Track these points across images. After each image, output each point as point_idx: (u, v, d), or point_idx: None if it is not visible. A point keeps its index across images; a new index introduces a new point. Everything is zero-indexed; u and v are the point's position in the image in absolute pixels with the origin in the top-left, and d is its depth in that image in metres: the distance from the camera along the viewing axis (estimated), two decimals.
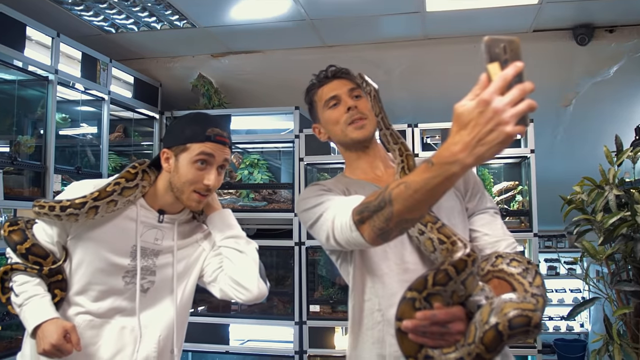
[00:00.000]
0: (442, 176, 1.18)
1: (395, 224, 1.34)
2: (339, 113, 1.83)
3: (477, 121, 1.09)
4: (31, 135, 3.56)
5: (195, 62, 5.00)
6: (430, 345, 1.29)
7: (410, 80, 4.85)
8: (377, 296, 1.68)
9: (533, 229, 4.01)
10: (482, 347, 1.23)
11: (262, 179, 4.73)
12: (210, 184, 1.82)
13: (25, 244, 1.81)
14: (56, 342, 1.67)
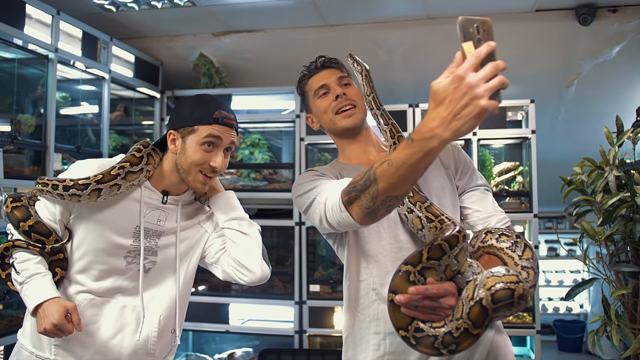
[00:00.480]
0: (422, 151, 1.22)
1: (382, 202, 1.39)
2: (327, 102, 1.86)
3: (452, 97, 1.14)
4: (31, 114, 3.56)
5: (196, 41, 4.97)
6: (422, 319, 1.34)
7: (411, 60, 4.83)
8: (371, 275, 1.73)
9: (533, 210, 4.02)
10: (469, 323, 1.28)
11: (263, 159, 4.73)
12: (216, 165, 1.83)
13: (28, 221, 1.81)
14: (57, 321, 1.68)
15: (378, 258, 1.72)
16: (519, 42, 4.34)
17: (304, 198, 1.71)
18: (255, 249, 1.91)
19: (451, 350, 1.31)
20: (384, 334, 1.69)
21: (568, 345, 6.65)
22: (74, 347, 1.82)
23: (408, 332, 1.35)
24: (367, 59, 1.88)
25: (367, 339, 1.73)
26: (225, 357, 4.57)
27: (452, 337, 1.30)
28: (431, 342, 1.33)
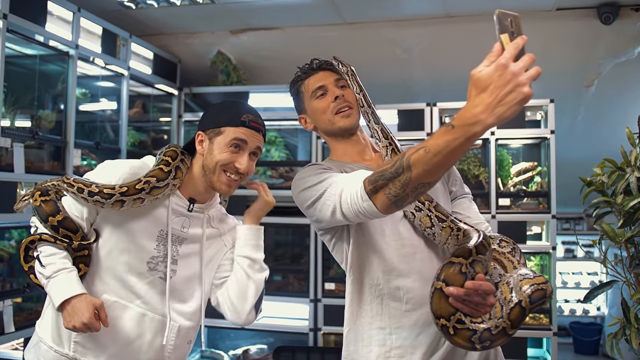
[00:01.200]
0: (464, 137, 1.26)
1: (412, 189, 1.40)
2: (326, 102, 1.89)
3: (497, 84, 1.19)
4: (52, 110, 3.60)
5: (214, 39, 4.98)
6: (465, 312, 1.43)
7: (429, 58, 4.80)
8: (376, 271, 1.75)
9: (551, 211, 3.98)
10: (508, 323, 1.40)
11: (279, 157, 4.73)
12: (241, 167, 1.84)
13: (57, 217, 1.81)
14: (88, 320, 1.69)
15: (383, 254, 1.74)
16: (539, 40, 4.30)
17: (310, 191, 1.70)
18: (251, 297, 1.92)
19: (485, 347, 1.41)
20: (390, 329, 1.72)
21: (584, 347, 6.59)
22: (93, 346, 1.82)
23: (449, 322, 1.42)
24: (384, 57, 1.92)
25: (369, 334, 1.75)
26: (239, 353, 4.58)
27: (490, 334, 1.40)
28: (469, 335, 1.41)
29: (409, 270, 1.72)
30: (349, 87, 1.92)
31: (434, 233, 1.69)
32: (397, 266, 1.72)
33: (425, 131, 4.19)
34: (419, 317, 1.69)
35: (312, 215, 1.74)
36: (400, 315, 1.70)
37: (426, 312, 1.66)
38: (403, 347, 1.70)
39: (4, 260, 3.29)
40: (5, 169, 3.02)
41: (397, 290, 1.71)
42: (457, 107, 4.25)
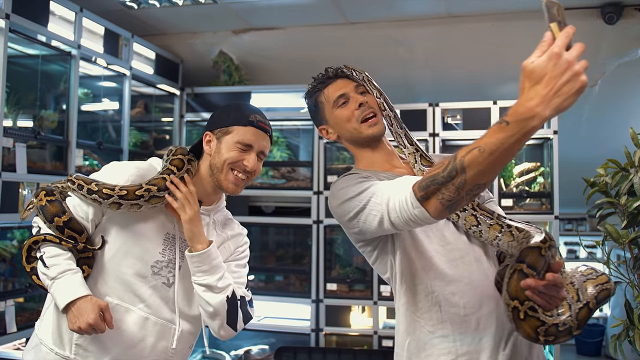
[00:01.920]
0: (520, 133, 1.22)
1: (467, 191, 1.36)
2: (349, 110, 1.83)
3: (552, 74, 1.16)
4: (54, 110, 3.60)
5: (216, 38, 4.98)
6: (538, 304, 1.40)
7: (432, 58, 4.80)
8: (428, 278, 1.70)
9: (554, 211, 3.97)
10: (576, 323, 1.43)
11: (282, 157, 4.73)
12: (249, 166, 1.84)
13: (63, 217, 1.81)
14: (93, 321, 1.68)
15: (433, 261, 1.70)
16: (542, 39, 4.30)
17: (353, 202, 1.63)
18: (218, 317, 1.84)
19: (547, 341, 1.41)
20: (454, 335, 1.66)
21: (587, 349, 6.57)
22: (94, 349, 1.82)
23: (522, 306, 1.40)
24: (387, 57, 1.90)
25: (432, 343, 1.68)
26: (241, 354, 4.57)
27: (557, 330, 1.41)
28: (537, 325, 1.40)
29: (459, 274, 1.68)
30: (369, 92, 1.88)
31: (480, 231, 1.66)
32: (447, 271, 1.68)
33: (427, 131, 4.18)
34: (479, 319, 1.65)
35: (355, 227, 1.67)
36: (460, 321, 1.65)
37: (485, 314, 1.64)
38: (469, 353, 1.65)
39: (6, 260, 3.28)
40: (7, 169, 3.02)
41: (452, 295, 1.67)
42: (459, 108, 4.25)
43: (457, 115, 4.31)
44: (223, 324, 1.84)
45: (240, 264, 2.02)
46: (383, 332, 4.24)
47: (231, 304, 1.84)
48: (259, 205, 4.73)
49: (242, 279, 1.98)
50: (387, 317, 4.55)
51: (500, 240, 1.64)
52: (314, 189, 4.41)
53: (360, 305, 4.51)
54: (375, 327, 4.24)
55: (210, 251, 1.81)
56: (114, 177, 1.84)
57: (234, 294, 1.86)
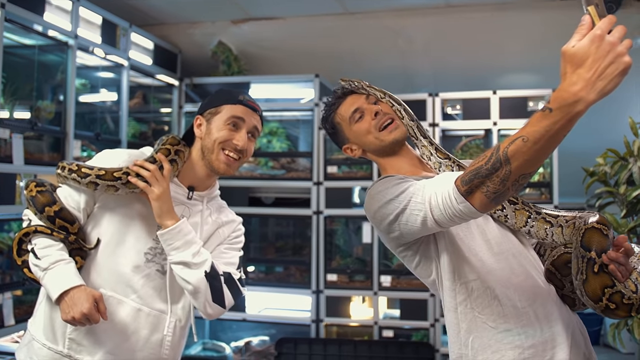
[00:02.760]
0: (565, 119, 1.20)
1: (513, 182, 1.34)
2: (366, 123, 1.81)
3: (595, 56, 1.15)
4: (51, 101, 3.58)
5: (215, 29, 4.95)
6: (619, 280, 1.42)
7: (431, 48, 4.78)
8: (480, 274, 1.66)
9: (553, 201, 3.97)
10: (638, 303, 1.43)
11: (281, 148, 4.72)
12: (239, 144, 1.84)
13: (54, 207, 1.79)
14: (88, 310, 1.66)
15: (480, 256, 1.67)
16: (542, 30, 4.27)
17: (393, 204, 1.59)
18: (201, 296, 1.80)
19: (607, 307, 1.42)
20: (517, 329, 1.62)
21: None
22: (88, 343, 1.79)
23: (612, 289, 1.42)
24: (386, 47, 1.88)
25: (496, 339, 1.64)
26: (241, 345, 4.58)
27: (621, 299, 1.42)
28: (606, 285, 1.42)
29: (507, 267, 1.66)
30: (380, 100, 1.85)
31: (506, 215, 1.65)
32: (495, 266, 1.65)
33: (427, 121, 4.17)
34: (536, 312, 1.62)
35: (395, 231, 1.63)
36: (519, 314, 1.62)
37: (540, 306, 1.63)
38: (534, 345, 1.61)
39: (4, 252, 3.27)
40: (4, 160, 3.01)
41: (506, 289, 1.64)
42: (459, 98, 4.24)
43: (456, 105, 4.31)
44: (208, 301, 1.80)
45: (232, 247, 1.99)
46: (383, 322, 4.25)
47: (212, 279, 1.80)
48: (259, 196, 4.73)
49: (233, 259, 1.95)
50: (387, 307, 4.56)
51: (531, 226, 1.63)
52: (313, 179, 4.40)
53: (361, 296, 4.52)
54: (376, 318, 4.24)
55: (180, 226, 1.77)
56: (106, 163, 1.82)
57: (213, 269, 1.81)
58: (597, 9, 1.18)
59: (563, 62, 1.19)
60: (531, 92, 4.12)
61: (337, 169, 4.42)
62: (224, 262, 1.91)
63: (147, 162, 1.80)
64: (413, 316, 4.20)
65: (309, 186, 4.42)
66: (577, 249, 1.44)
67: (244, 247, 2.06)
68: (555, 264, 1.66)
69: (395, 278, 4.25)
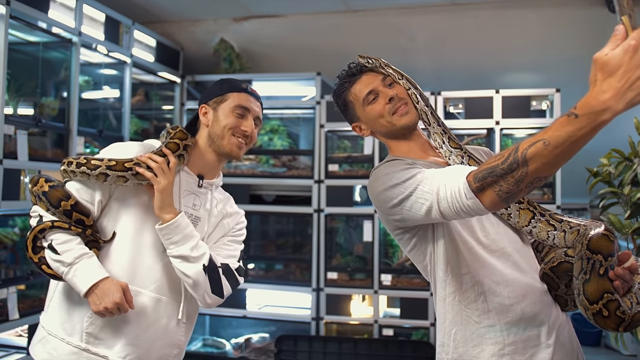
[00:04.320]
0: (590, 126, 1.20)
1: (527, 184, 1.35)
2: (380, 106, 1.80)
3: (628, 67, 1.14)
4: (55, 98, 3.58)
5: (217, 26, 4.96)
6: (620, 294, 1.44)
7: (434, 47, 4.78)
8: (475, 268, 1.69)
9: (556, 201, 3.97)
10: (629, 320, 1.43)
11: (282, 145, 4.72)
12: (247, 130, 1.90)
13: (70, 201, 1.79)
14: (120, 299, 1.70)
15: (476, 250, 1.69)
16: (546, 29, 4.28)
17: (398, 188, 1.60)
18: (200, 287, 1.83)
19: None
20: (500, 326, 1.66)
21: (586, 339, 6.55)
22: (105, 336, 1.80)
23: (612, 295, 1.42)
24: (388, 46, 1.89)
25: (479, 333, 1.68)
26: (241, 342, 4.59)
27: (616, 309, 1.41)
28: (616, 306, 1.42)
29: (502, 264, 1.68)
30: (396, 82, 1.84)
31: (510, 214, 1.67)
32: (490, 261, 1.67)
33: None
34: (524, 310, 1.65)
35: (397, 214, 1.64)
36: (505, 311, 1.65)
37: (530, 305, 1.65)
38: (515, 342, 1.64)
39: (8, 247, 3.28)
40: (8, 156, 3.01)
41: (496, 285, 1.66)
42: (461, 97, 4.24)
43: (459, 104, 4.30)
44: (207, 292, 1.84)
45: (235, 239, 2.02)
46: (383, 321, 4.25)
47: (211, 272, 1.83)
48: (260, 193, 4.73)
49: (235, 252, 1.98)
50: (387, 306, 4.56)
51: (534, 226, 1.65)
52: (314, 177, 4.41)
53: (361, 294, 4.52)
54: (376, 316, 4.25)
55: (178, 221, 1.80)
56: (119, 155, 1.83)
57: (211, 262, 1.84)
58: (630, 20, 1.17)
59: (594, 69, 1.18)
60: (534, 92, 4.12)
61: (338, 167, 4.42)
62: (226, 254, 1.95)
63: (156, 154, 1.82)
64: (413, 315, 4.21)
65: (310, 184, 4.42)
66: (583, 251, 1.44)
67: (245, 244, 2.09)
68: (555, 271, 1.67)
69: (395, 277, 4.25)
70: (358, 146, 4.57)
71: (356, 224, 4.58)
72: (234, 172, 4.60)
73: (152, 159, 1.80)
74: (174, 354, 1.93)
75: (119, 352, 1.80)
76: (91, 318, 1.79)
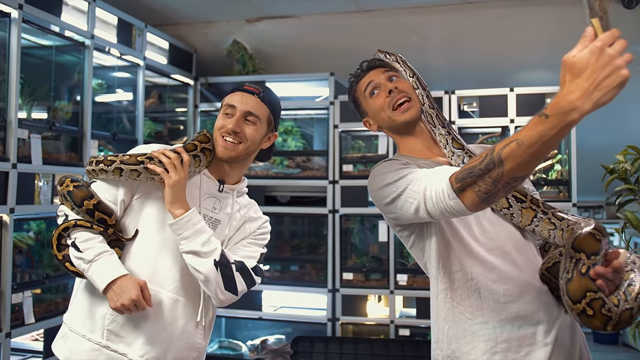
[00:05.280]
0: (560, 126, 1.23)
1: (504, 184, 1.38)
2: (380, 99, 1.83)
3: (594, 67, 1.17)
4: (68, 101, 3.60)
5: (230, 28, 4.96)
6: (604, 292, 1.40)
7: (447, 46, 4.75)
8: (469, 265, 1.70)
9: (572, 199, 3.93)
10: (616, 319, 1.39)
11: (296, 146, 4.72)
12: (230, 126, 1.89)
13: (92, 200, 1.84)
14: (136, 297, 1.74)
15: (472, 247, 1.70)
16: (559, 27, 4.23)
17: (391, 188, 1.65)
18: (212, 284, 1.84)
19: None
20: (494, 322, 1.67)
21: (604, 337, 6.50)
22: (125, 334, 1.84)
23: (595, 294, 1.40)
24: (401, 45, 1.89)
25: (471, 330, 1.70)
26: (257, 343, 4.59)
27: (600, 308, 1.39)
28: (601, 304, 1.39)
29: (500, 262, 1.68)
30: (400, 76, 1.86)
31: (512, 214, 1.68)
32: (488, 259, 1.69)
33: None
34: (520, 308, 1.66)
35: (392, 212, 1.69)
36: (500, 309, 1.66)
37: (527, 303, 1.65)
38: (509, 340, 1.65)
39: (23, 251, 3.31)
40: (23, 160, 3.03)
41: (493, 282, 1.67)
42: (475, 95, 4.20)
43: (473, 103, 4.27)
44: (220, 288, 1.84)
45: (256, 242, 2.03)
46: (400, 321, 4.23)
47: (223, 267, 1.84)
48: (274, 195, 4.73)
49: (254, 253, 1.99)
50: (403, 306, 4.54)
51: (536, 225, 1.65)
52: (329, 178, 4.39)
53: (377, 295, 4.50)
54: (392, 317, 4.23)
55: (189, 216, 1.82)
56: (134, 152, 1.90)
57: (223, 257, 1.85)
58: (602, 22, 1.20)
59: (563, 70, 1.21)
60: (548, 89, 4.07)
61: (353, 167, 4.41)
62: (244, 254, 1.96)
63: (168, 151, 1.86)
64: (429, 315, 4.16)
65: (325, 185, 4.41)
66: (568, 250, 1.45)
67: None
68: (551, 271, 1.67)
69: (411, 277, 4.22)
70: (372, 146, 4.56)
71: (371, 224, 4.56)
72: (248, 174, 4.60)
73: (164, 154, 1.84)
74: (193, 357, 1.95)
75: (137, 350, 1.84)
76: (112, 315, 1.83)
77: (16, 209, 2.97)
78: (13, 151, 2.96)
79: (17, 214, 2.99)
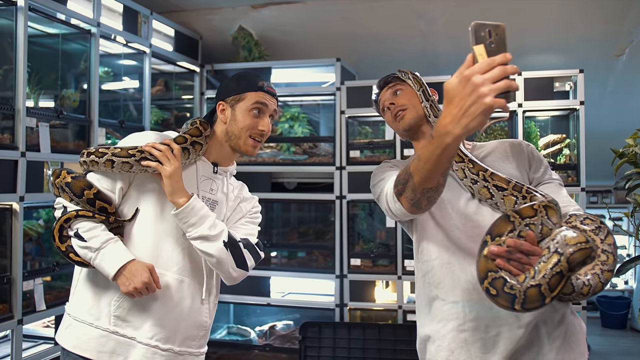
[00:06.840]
0: (441, 147, 1.32)
1: (421, 194, 1.50)
2: (388, 117, 2.01)
3: (461, 95, 1.23)
4: (75, 89, 3.61)
5: (235, 14, 4.93)
6: (513, 274, 1.38)
7: (454, 30, 4.70)
8: (447, 253, 1.78)
9: (580, 184, 3.91)
10: (522, 297, 1.36)
11: (303, 132, 4.71)
12: (264, 129, 1.97)
13: (92, 189, 1.86)
14: (148, 279, 1.79)
15: (452, 234, 1.78)
16: (567, 10, 4.20)
17: (376, 188, 1.85)
18: (224, 264, 1.90)
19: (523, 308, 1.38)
20: (463, 302, 1.74)
21: (612, 321, 6.53)
22: (133, 319, 1.87)
23: (496, 274, 1.40)
24: (407, 30, 1.92)
25: (443, 309, 1.78)
26: (266, 329, 4.61)
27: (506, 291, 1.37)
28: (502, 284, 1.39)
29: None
30: (405, 89, 1.96)
31: (496, 203, 1.71)
32: (467, 245, 1.75)
33: None
34: None
35: (381, 207, 1.83)
36: (472, 289, 1.72)
37: None
38: (476, 319, 1.71)
39: (33, 239, 3.33)
40: (31, 148, 3.04)
41: (469, 266, 1.72)
42: None
43: None
44: (232, 267, 1.91)
45: (252, 221, 2.12)
46: (407, 306, 4.24)
47: (232, 247, 1.91)
48: (281, 181, 4.73)
49: (253, 231, 2.08)
50: (411, 291, 4.55)
51: None
52: (336, 164, 4.39)
53: (384, 280, 4.51)
54: (400, 302, 4.24)
55: (192, 204, 1.86)
56: (134, 143, 1.91)
57: (231, 237, 1.92)
58: (489, 47, 1.23)
59: (444, 95, 1.28)
60: (557, 73, 4.03)
61: (360, 154, 4.40)
62: (245, 232, 2.04)
63: (157, 144, 1.88)
64: None
65: (332, 171, 4.41)
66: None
67: (266, 232, 2.18)
68: None
69: None
70: (379, 132, 4.54)
71: (378, 210, 4.55)
72: (255, 161, 4.60)
73: (155, 147, 1.86)
74: (200, 335, 2.01)
75: (146, 332, 1.87)
76: (118, 301, 1.86)
77: (26, 197, 2.98)
78: (22, 140, 2.98)
79: (27, 202, 3.00)
